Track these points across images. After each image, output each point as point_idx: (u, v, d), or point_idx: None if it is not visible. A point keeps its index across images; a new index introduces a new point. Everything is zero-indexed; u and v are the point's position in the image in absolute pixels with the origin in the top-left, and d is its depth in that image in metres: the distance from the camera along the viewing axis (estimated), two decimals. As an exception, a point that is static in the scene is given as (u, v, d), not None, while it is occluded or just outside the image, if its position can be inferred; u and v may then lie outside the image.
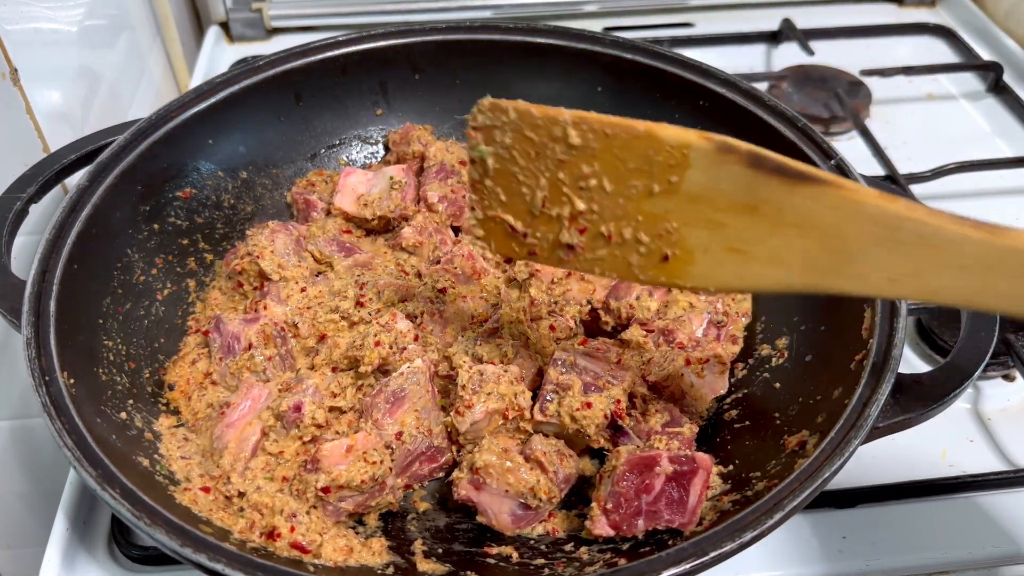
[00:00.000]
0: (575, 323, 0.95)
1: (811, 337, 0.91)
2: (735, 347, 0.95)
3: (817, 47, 1.53)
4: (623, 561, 0.69)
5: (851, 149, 1.33)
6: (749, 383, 0.92)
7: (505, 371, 0.86)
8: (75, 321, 0.84)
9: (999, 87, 1.46)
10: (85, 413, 0.76)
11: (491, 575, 0.76)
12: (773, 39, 1.61)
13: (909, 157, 1.35)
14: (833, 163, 0.95)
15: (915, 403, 0.76)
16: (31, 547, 1.30)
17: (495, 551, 0.79)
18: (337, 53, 1.13)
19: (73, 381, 0.78)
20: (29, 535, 1.30)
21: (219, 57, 1.59)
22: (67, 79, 1.17)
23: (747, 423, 0.88)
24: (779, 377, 0.90)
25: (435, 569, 0.76)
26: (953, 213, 0.60)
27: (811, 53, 1.51)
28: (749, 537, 0.67)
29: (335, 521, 0.80)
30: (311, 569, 0.71)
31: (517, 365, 0.88)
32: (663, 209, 0.64)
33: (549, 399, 0.85)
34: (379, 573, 0.75)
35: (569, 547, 0.78)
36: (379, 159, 1.21)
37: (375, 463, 0.79)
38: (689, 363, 0.87)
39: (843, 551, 0.85)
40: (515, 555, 0.78)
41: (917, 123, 1.43)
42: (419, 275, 1.01)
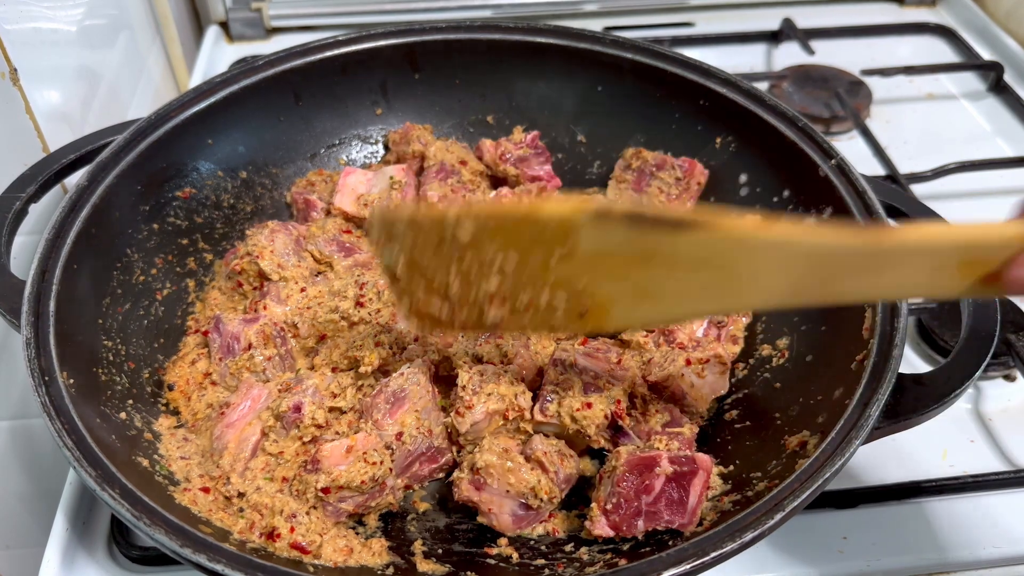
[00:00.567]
0: (575, 323, 0.95)
1: (812, 337, 0.91)
2: (735, 347, 0.95)
3: (818, 47, 1.53)
4: (623, 562, 0.69)
5: (851, 149, 1.33)
6: (750, 383, 0.92)
7: (505, 371, 0.85)
8: (74, 321, 0.84)
9: (1000, 87, 1.46)
10: (85, 413, 0.76)
11: (491, 575, 0.76)
12: (774, 39, 1.61)
13: (910, 157, 1.35)
14: (833, 163, 0.95)
15: (916, 403, 0.75)
16: (31, 547, 1.30)
17: (495, 551, 0.78)
18: (337, 53, 1.13)
19: (73, 381, 0.78)
20: (28, 535, 1.30)
21: (219, 57, 1.58)
22: (66, 79, 1.17)
23: (748, 423, 0.88)
24: (780, 377, 0.90)
25: (435, 569, 0.76)
26: (827, 226, 0.63)
27: (812, 53, 1.51)
28: (750, 537, 0.67)
29: (335, 522, 0.80)
30: (311, 569, 0.71)
31: (517, 365, 0.88)
32: (567, 273, 0.68)
33: (549, 399, 0.85)
34: (379, 573, 0.75)
35: (569, 547, 0.78)
36: (379, 159, 1.20)
37: (375, 464, 0.79)
38: (689, 363, 0.87)
39: (844, 551, 0.85)
40: (515, 555, 0.78)
41: (918, 123, 1.43)
42: (419, 275, 1.01)
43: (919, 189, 1.23)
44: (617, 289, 0.68)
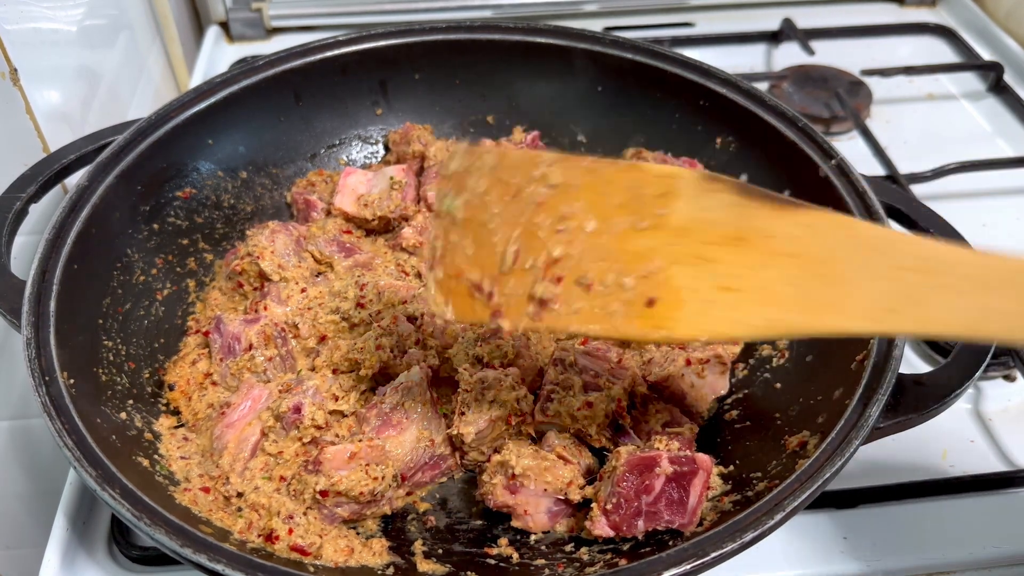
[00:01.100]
0: (575, 323, 0.95)
1: (812, 337, 0.91)
2: (736, 347, 0.95)
3: (817, 47, 1.53)
4: (623, 562, 0.69)
5: (851, 149, 1.33)
6: (750, 383, 0.92)
7: (506, 375, 0.85)
8: (75, 321, 0.84)
9: (1000, 87, 1.45)
10: (85, 413, 0.76)
11: (491, 575, 0.76)
12: (773, 39, 1.61)
13: (910, 157, 1.35)
14: (833, 163, 0.95)
15: (916, 403, 0.76)
16: (31, 547, 1.30)
17: (495, 552, 0.78)
18: (337, 53, 1.13)
19: (73, 381, 0.78)
20: (29, 535, 1.30)
21: (219, 57, 1.59)
22: (67, 79, 1.17)
23: (748, 423, 0.88)
24: (780, 377, 0.90)
25: (435, 570, 0.76)
26: (945, 241, 0.59)
27: (812, 53, 1.51)
28: (750, 537, 0.67)
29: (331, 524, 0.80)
30: (311, 569, 0.71)
31: (517, 366, 0.88)
32: (648, 247, 0.61)
33: (550, 399, 0.85)
34: (379, 573, 0.75)
35: (569, 547, 0.78)
36: (379, 159, 1.21)
37: (376, 479, 0.79)
38: (690, 363, 0.87)
39: (844, 551, 0.85)
40: (515, 555, 0.78)
41: (918, 123, 1.43)
42: (419, 276, 1.01)
43: (919, 189, 1.23)
44: (699, 276, 0.61)
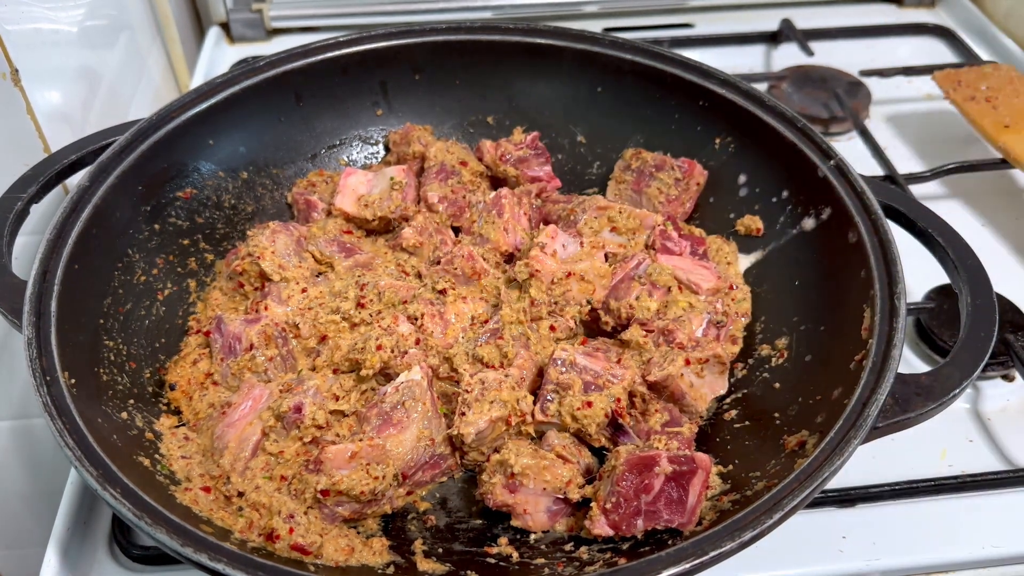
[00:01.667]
0: (575, 323, 0.95)
1: (811, 337, 0.91)
2: (735, 347, 0.96)
3: (817, 47, 1.53)
4: (623, 561, 0.70)
5: (850, 149, 1.33)
6: (749, 383, 0.92)
7: (506, 376, 0.86)
8: (76, 321, 0.84)
9: (999, 87, 1.45)
10: (86, 413, 0.76)
11: (491, 575, 0.76)
12: (773, 39, 1.61)
13: (908, 157, 1.36)
14: (832, 163, 0.95)
15: (915, 403, 0.76)
16: (32, 547, 1.30)
17: (495, 551, 0.79)
18: (337, 54, 1.13)
19: (74, 381, 0.78)
20: (29, 535, 1.30)
21: (219, 58, 1.59)
22: (67, 79, 1.17)
23: (747, 423, 0.88)
24: (779, 377, 0.90)
25: (435, 569, 0.76)
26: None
27: (811, 53, 1.51)
28: (748, 537, 0.67)
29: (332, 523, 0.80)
30: (312, 568, 0.71)
31: (517, 366, 0.88)
32: None
33: (550, 399, 0.85)
34: (380, 573, 0.75)
35: (569, 547, 0.78)
36: (379, 159, 1.21)
37: (377, 478, 0.79)
38: (689, 363, 0.88)
39: (843, 551, 0.85)
40: (515, 555, 0.78)
41: (916, 123, 1.43)
42: (419, 276, 1.01)
43: (918, 189, 1.23)
44: None
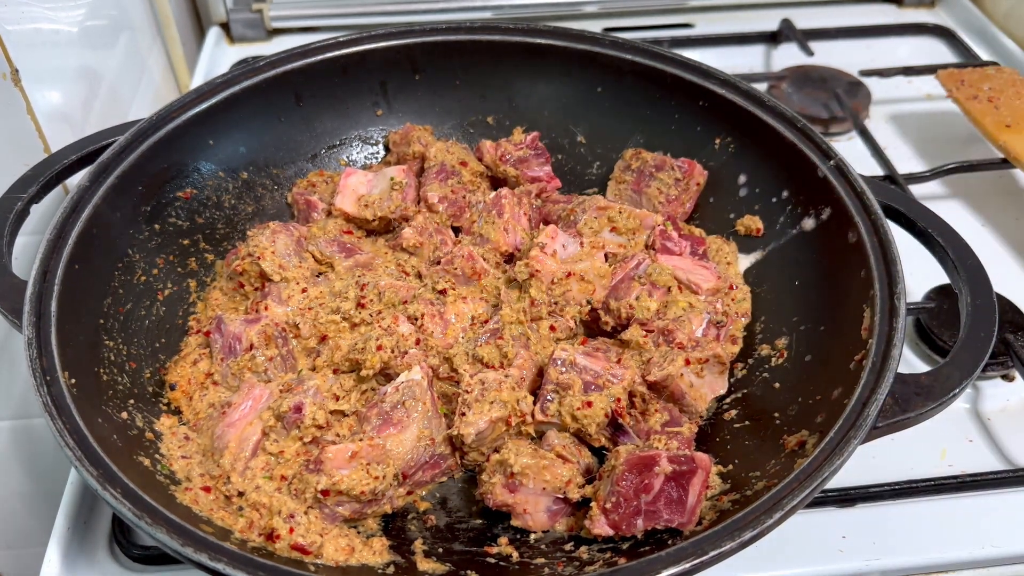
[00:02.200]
0: (575, 323, 0.95)
1: (811, 337, 0.91)
2: (735, 347, 0.96)
3: (816, 47, 1.53)
4: (623, 560, 0.70)
5: (850, 149, 1.34)
6: (748, 383, 0.92)
7: (506, 376, 0.86)
8: (76, 321, 0.84)
9: (998, 87, 1.45)
10: (86, 413, 0.76)
11: (491, 574, 0.76)
12: (773, 39, 1.61)
13: (908, 157, 1.36)
14: (832, 163, 0.95)
15: (914, 403, 0.76)
16: (32, 547, 1.30)
17: (495, 551, 0.79)
18: (337, 54, 1.13)
19: (74, 381, 0.78)
20: (30, 535, 1.30)
21: (220, 58, 1.59)
22: (68, 79, 1.17)
23: (746, 423, 0.88)
24: (779, 377, 0.90)
25: (435, 568, 0.76)
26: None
27: (810, 53, 1.51)
28: (748, 536, 0.67)
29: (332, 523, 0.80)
30: (312, 568, 0.71)
31: (517, 366, 0.88)
32: None
33: (550, 399, 0.85)
34: (380, 572, 0.75)
35: (569, 547, 0.78)
36: (379, 159, 1.21)
37: (377, 478, 0.79)
38: (689, 363, 0.88)
39: (843, 550, 0.85)
40: (515, 554, 0.78)
41: (916, 123, 1.43)
42: (419, 276, 1.01)
43: (917, 189, 1.23)
44: None
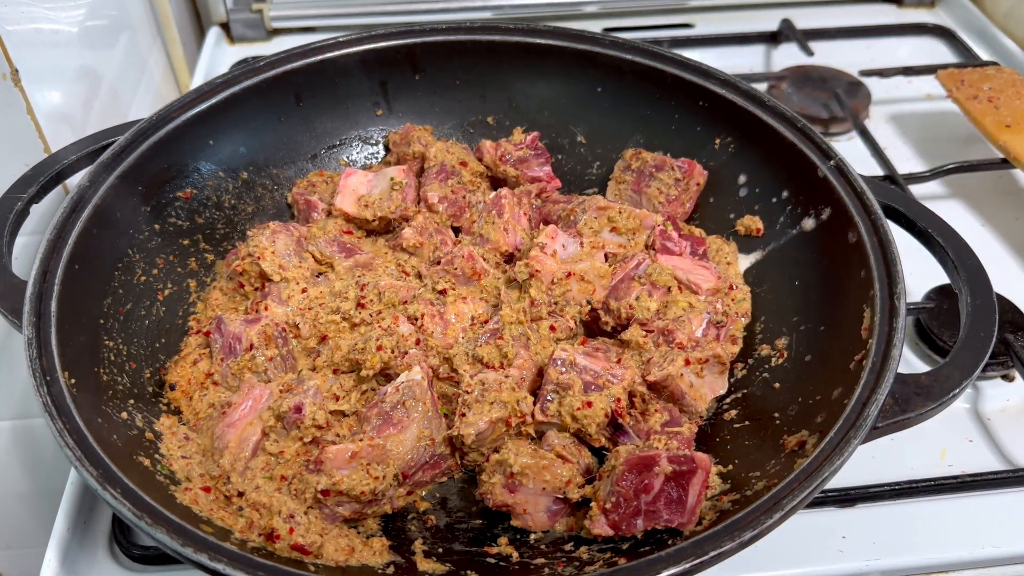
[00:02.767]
0: (575, 323, 0.95)
1: (811, 337, 0.91)
2: (735, 347, 0.96)
3: (816, 47, 1.53)
4: (623, 561, 0.70)
5: (850, 149, 1.34)
6: (748, 383, 0.92)
7: (506, 376, 0.86)
8: (76, 321, 0.84)
9: (998, 87, 1.45)
10: (86, 413, 0.76)
11: (491, 574, 0.76)
12: (772, 39, 1.61)
13: (908, 157, 1.36)
14: (832, 163, 0.95)
15: (914, 403, 0.76)
16: (32, 547, 1.30)
17: (495, 551, 0.79)
18: (337, 54, 1.13)
19: (74, 381, 0.78)
20: (30, 535, 1.30)
21: (220, 58, 1.59)
22: (68, 79, 1.17)
23: (746, 423, 0.88)
24: (779, 377, 0.90)
25: (435, 569, 0.76)
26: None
27: (810, 53, 1.51)
28: (748, 536, 0.67)
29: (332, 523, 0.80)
30: (312, 568, 0.71)
31: (517, 367, 0.88)
32: None
33: (550, 399, 0.85)
34: (380, 573, 0.75)
35: (569, 547, 0.78)
36: (379, 160, 1.21)
37: (377, 478, 0.79)
38: (688, 363, 0.88)
39: (843, 551, 0.85)
40: (515, 555, 0.78)
41: (916, 123, 1.43)
42: (419, 276, 1.01)
43: (917, 189, 1.24)
44: None
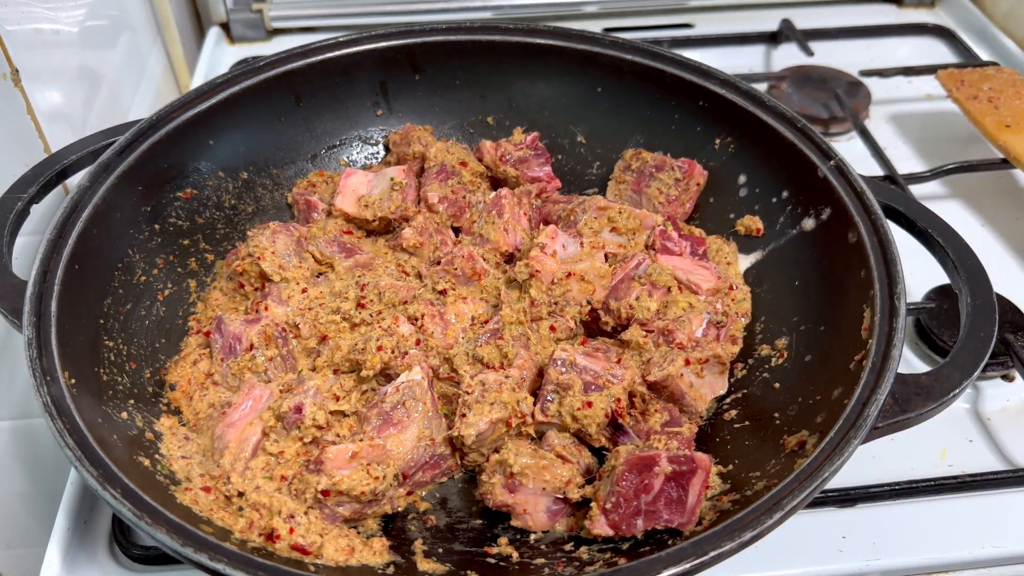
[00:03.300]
0: (575, 323, 0.95)
1: (811, 337, 0.91)
2: (735, 347, 0.96)
3: (816, 48, 1.53)
4: (623, 561, 0.70)
5: (850, 149, 1.34)
6: (749, 383, 0.92)
7: (507, 377, 0.86)
8: (76, 321, 0.84)
9: (998, 88, 1.45)
10: (86, 413, 0.76)
11: (491, 575, 0.76)
12: (772, 40, 1.61)
13: (908, 157, 1.36)
14: (832, 163, 0.95)
15: (914, 403, 0.76)
16: (32, 547, 1.30)
17: (495, 551, 0.79)
18: (337, 54, 1.13)
19: (74, 381, 0.78)
20: (30, 535, 1.30)
21: (220, 58, 1.59)
22: (68, 80, 1.17)
23: (746, 423, 0.88)
24: (779, 377, 0.90)
25: (435, 569, 0.76)
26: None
27: (810, 54, 1.51)
28: (748, 537, 0.67)
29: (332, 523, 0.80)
30: (312, 569, 0.71)
31: (517, 367, 0.88)
32: None
33: (550, 399, 0.85)
34: (380, 573, 0.75)
35: (569, 547, 0.78)
36: (379, 160, 1.21)
37: (378, 478, 0.79)
38: (688, 363, 0.88)
39: (843, 551, 0.85)
40: (515, 555, 0.78)
41: (916, 123, 1.43)
42: (420, 276, 1.01)
43: (917, 190, 1.24)
44: None
